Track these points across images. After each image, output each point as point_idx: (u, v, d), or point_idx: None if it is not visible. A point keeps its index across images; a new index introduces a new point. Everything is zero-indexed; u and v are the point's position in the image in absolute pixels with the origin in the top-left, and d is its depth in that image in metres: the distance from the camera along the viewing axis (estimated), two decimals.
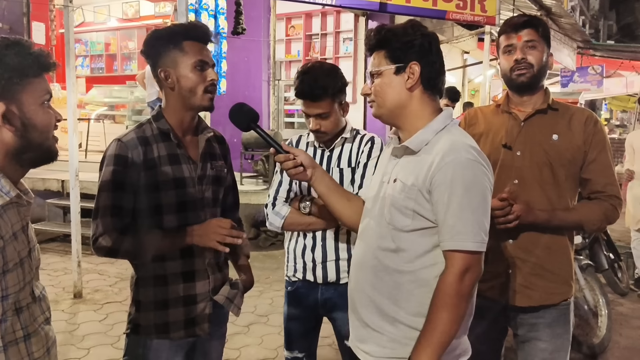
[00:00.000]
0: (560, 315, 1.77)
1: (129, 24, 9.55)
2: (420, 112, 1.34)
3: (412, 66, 1.31)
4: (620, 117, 20.42)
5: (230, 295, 1.70)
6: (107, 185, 1.52)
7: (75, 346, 3.33)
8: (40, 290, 1.20)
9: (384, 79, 1.34)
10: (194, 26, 1.63)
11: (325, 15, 8.00)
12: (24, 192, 1.14)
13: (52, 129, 1.15)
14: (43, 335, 1.16)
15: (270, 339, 3.47)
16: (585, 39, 9.11)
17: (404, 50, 1.32)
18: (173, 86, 1.56)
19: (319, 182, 1.52)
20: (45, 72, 1.13)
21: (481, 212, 1.25)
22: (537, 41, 1.73)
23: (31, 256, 1.14)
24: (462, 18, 5.87)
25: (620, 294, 4.44)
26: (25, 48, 1.09)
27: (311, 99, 1.79)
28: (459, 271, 1.23)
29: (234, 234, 1.53)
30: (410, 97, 1.33)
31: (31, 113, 1.09)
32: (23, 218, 1.12)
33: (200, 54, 1.56)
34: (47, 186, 6.12)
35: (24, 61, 1.07)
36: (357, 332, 1.41)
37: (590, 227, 1.78)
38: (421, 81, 1.33)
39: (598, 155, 1.72)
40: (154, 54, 1.57)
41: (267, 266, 5.14)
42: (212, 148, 1.72)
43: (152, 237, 1.54)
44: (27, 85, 1.08)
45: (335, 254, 1.88)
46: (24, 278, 1.10)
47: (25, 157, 1.11)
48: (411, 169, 1.31)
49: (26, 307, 1.12)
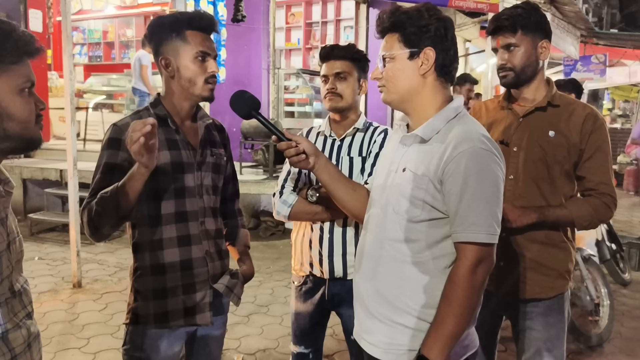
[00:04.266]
0: (554, 304, 1.78)
1: (127, 12, 9.46)
2: (432, 99, 1.31)
3: (426, 51, 1.27)
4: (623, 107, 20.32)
5: (230, 284, 1.68)
6: (100, 169, 1.52)
7: (75, 336, 3.32)
8: (22, 284, 1.15)
9: (396, 64, 1.30)
10: (199, 15, 1.59)
11: (325, 3, 7.92)
12: (4, 181, 1.08)
13: (33, 118, 1.07)
14: (24, 330, 1.12)
15: (271, 329, 3.47)
16: (588, 27, 9.02)
17: (418, 35, 1.27)
18: (173, 75, 1.55)
19: (322, 171, 1.48)
20: (29, 58, 1.05)
21: (494, 202, 1.22)
22: (514, 43, 1.72)
23: (10, 249, 1.08)
24: (465, 6, 5.78)
25: (622, 285, 4.44)
26: (4, 32, 1.01)
27: (332, 57, 1.87)
28: (472, 263, 1.20)
29: (140, 131, 1.23)
30: (423, 84, 1.30)
31: (7, 102, 1.01)
32: (3, 209, 1.06)
33: (202, 44, 1.53)
34: (45, 175, 6.09)
35: (1, 46, 1.00)
36: (363, 323, 1.39)
37: (581, 224, 1.77)
38: (435, 68, 1.29)
39: (594, 153, 1.72)
40: (156, 41, 1.55)
41: (267, 256, 5.13)
42: (212, 135, 1.70)
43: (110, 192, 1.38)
44: (3, 72, 1.01)
45: (343, 247, 1.86)
46: (2, 272, 1.04)
47: (3, 147, 1.05)
48: (422, 158, 1.27)
49: (5, 302, 1.06)
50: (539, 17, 1.74)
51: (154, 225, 1.55)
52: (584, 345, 3.28)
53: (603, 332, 3.36)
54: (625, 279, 4.48)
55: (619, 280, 4.43)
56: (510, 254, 1.77)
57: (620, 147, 10.74)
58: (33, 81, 1.07)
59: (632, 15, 18.37)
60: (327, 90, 1.86)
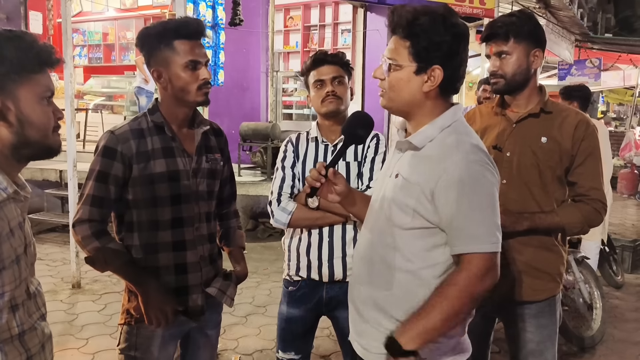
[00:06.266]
0: (546, 307, 1.82)
1: (127, 14, 9.48)
2: (432, 111, 1.27)
3: (434, 69, 1.22)
4: (617, 110, 20.44)
5: (222, 286, 1.71)
6: (93, 175, 1.54)
7: (74, 336, 3.35)
8: (36, 286, 1.18)
9: (401, 74, 1.24)
10: (185, 23, 1.58)
11: (323, 7, 7.96)
12: (22, 186, 1.11)
13: (52, 126, 1.11)
14: (39, 331, 1.15)
15: (268, 330, 3.49)
16: (583, 32, 9.09)
17: (430, 51, 1.21)
18: (165, 86, 1.56)
19: (350, 205, 1.52)
20: (49, 68, 1.09)
21: (492, 211, 1.20)
22: (506, 50, 1.74)
23: (27, 252, 1.12)
24: (461, 11, 5.85)
25: (615, 287, 4.48)
26: (27, 42, 1.05)
27: (327, 63, 1.88)
28: (479, 272, 1.17)
29: (162, 323, 1.55)
30: (425, 98, 1.26)
31: (28, 110, 1.05)
32: (20, 214, 1.09)
33: (191, 53, 1.53)
34: (45, 176, 6.11)
35: (24, 56, 1.03)
36: (356, 326, 1.40)
37: (571, 229, 1.82)
38: (440, 85, 1.23)
39: (585, 160, 1.76)
40: (146, 52, 1.57)
41: (265, 257, 5.16)
42: (208, 141, 1.71)
43: (116, 259, 1.55)
44: (26, 81, 1.05)
45: (342, 250, 1.85)
46: (20, 275, 1.08)
47: (23, 153, 1.08)
48: (414, 165, 1.26)
49: (22, 304, 1.10)
50: (532, 26, 1.77)
51: (150, 230, 1.58)
52: (577, 347, 3.31)
53: (595, 334, 3.40)
54: (618, 282, 4.53)
55: (612, 282, 4.48)
56: (505, 258, 1.76)
57: (614, 150, 10.81)
58: (53, 90, 1.11)
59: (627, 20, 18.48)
60: (327, 94, 1.85)
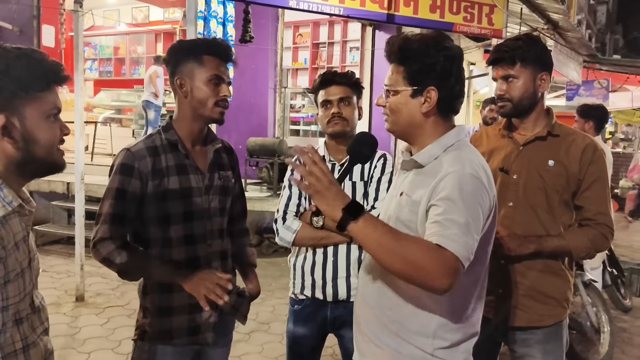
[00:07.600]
0: (552, 332, 1.79)
1: (138, 29, 9.64)
2: (433, 132, 1.30)
3: (430, 91, 1.25)
4: (625, 131, 20.38)
5: (236, 303, 1.72)
6: (111, 193, 1.55)
7: (76, 350, 3.33)
8: (40, 300, 1.18)
9: (399, 98, 1.29)
10: (216, 43, 1.66)
11: (332, 25, 8.06)
12: (26, 200, 1.11)
13: (57, 143, 1.11)
14: (42, 346, 1.15)
15: (271, 347, 3.47)
16: (591, 53, 9.11)
17: (422, 74, 1.25)
18: (186, 95, 1.60)
19: None
20: (56, 85, 1.09)
21: (474, 230, 1.14)
22: (513, 74, 1.75)
23: (31, 266, 1.12)
24: (469, 31, 5.88)
25: (623, 311, 4.42)
26: (36, 60, 1.05)
27: (334, 83, 1.89)
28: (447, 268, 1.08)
29: (219, 293, 1.50)
30: (424, 120, 1.29)
31: (33, 127, 1.05)
32: (25, 228, 1.10)
33: (217, 69, 1.59)
34: (52, 188, 6.16)
35: (32, 74, 1.04)
36: (360, 346, 1.40)
37: (578, 254, 1.80)
38: (437, 105, 1.27)
39: (592, 184, 1.75)
40: (174, 62, 1.62)
41: (269, 273, 5.14)
42: (221, 158, 1.74)
43: (148, 262, 1.58)
44: (33, 98, 1.05)
45: (347, 270, 1.86)
46: (24, 288, 1.08)
47: (27, 170, 1.09)
48: (418, 183, 1.28)
49: (26, 318, 1.10)
50: (539, 50, 1.77)
51: (163, 247, 1.60)
52: None
53: (603, 359, 3.33)
54: (626, 305, 4.46)
55: (619, 306, 4.41)
56: (509, 282, 1.77)
57: (622, 172, 10.75)
58: (59, 107, 1.11)
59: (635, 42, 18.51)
60: (333, 115, 1.87)
